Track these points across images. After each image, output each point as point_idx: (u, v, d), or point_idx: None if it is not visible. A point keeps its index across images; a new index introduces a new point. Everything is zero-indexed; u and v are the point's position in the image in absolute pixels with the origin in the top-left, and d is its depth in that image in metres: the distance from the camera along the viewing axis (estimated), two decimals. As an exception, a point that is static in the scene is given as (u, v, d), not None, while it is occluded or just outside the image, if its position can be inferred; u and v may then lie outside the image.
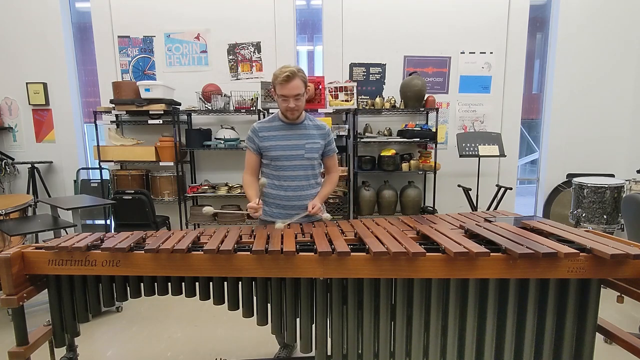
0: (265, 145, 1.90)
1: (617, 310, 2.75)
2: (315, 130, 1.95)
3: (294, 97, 1.79)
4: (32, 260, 1.38)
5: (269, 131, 1.91)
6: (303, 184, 1.92)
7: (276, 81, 1.77)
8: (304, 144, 1.90)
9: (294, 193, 1.92)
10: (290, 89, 1.76)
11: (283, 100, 1.81)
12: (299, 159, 1.91)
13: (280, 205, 1.94)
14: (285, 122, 1.92)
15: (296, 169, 1.91)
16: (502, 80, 3.94)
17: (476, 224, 1.63)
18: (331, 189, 2.03)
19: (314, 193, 1.96)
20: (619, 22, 3.89)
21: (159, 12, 3.83)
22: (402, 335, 1.41)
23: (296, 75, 1.75)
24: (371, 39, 3.87)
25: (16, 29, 3.91)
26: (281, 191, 1.93)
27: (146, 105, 3.51)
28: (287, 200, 1.93)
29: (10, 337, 2.46)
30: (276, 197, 1.94)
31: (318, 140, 1.94)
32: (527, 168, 5.57)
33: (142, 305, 2.92)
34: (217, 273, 1.38)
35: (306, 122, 1.95)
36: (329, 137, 1.99)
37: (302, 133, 1.91)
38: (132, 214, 3.41)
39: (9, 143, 4.13)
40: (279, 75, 1.74)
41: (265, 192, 1.96)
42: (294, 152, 1.90)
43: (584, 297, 1.36)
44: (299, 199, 1.93)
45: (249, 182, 1.96)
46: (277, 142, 1.90)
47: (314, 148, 1.92)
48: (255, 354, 2.26)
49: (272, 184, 1.94)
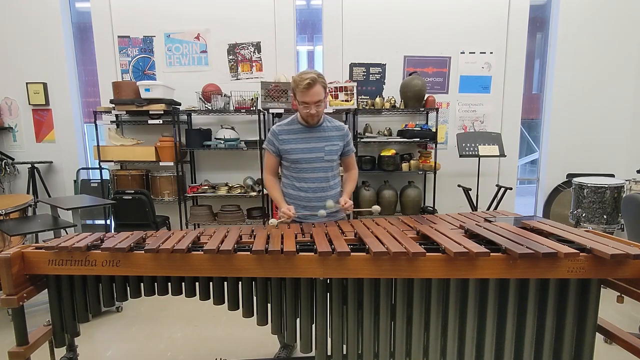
0: (286, 149, 1.93)
1: (617, 310, 2.75)
2: (334, 132, 1.98)
3: (315, 104, 1.81)
4: (32, 260, 1.38)
5: (289, 134, 1.94)
6: (323, 185, 1.96)
7: (297, 88, 1.79)
8: (324, 146, 1.94)
9: (314, 194, 1.96)
10: (312, 96, 1.78)
11: (304, 107, 1.83)
12: (319, 161, 1.94)
13: (300, 206, 1.97)
14: (304, 125, 1.94)
15: (316, 171, 1.94)
16: (502, 80, 3.94)
17: (476, 224, 1.63)
18: (354, 185, 2.08)
19: (333, 193, 2.00)
20: (619, 22, 3.89)
21: (159, 12, 3.83)
22: (402, 335, 1.41)
23: (317, 81, 1.77)
24: (371, 39, 3.87)
25: (16, 29, 3.91)
26: (301, 192, 1.96)
27: (146, 105, 3.51)
28: (307, 201, 1.96)
29: (10, 337, 2.46)
30: (296, 198, 1.98)
31: (337, 142, 1.97)
32: (527, 168, 5.57)
33: (142, 305, 2.92)
34: (217, 273, 1.38)
35: (325, 125, 1.97)
36: (348, 137, 2.02)
37: (321, 136, 1.94)
38: (132, 214, 3.41)
39: (9, 143, 4.13)
40: (300, 82, 1.76)
41: (286, 192, 2.01)
42: (313, 155, 1.93)
43: (584, 297, 1.36)
44: (319, 199, 1.96)
45: (271, 183, 2.00)
46: (297, 145, 1.93)
47: (333, 150, 1.96)
48: (255, 354, 2.26)
49: (293, 185, 1.99)
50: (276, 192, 1.98)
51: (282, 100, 3.55)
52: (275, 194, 1.97)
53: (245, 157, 4.02)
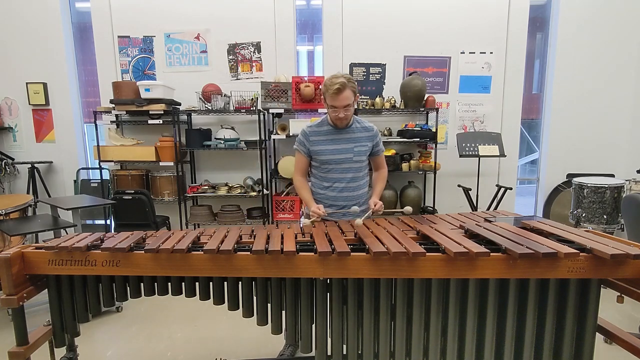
0: (315, 150, 1.95)
1: (617, 310, 2.75)
2: (363, 132, 1.99)
3: (344, 108, 1.82)
4: (32, 260, 1.38)
5: (319, 136, 1.96)
6: (351, 185, 1.98)
7: (327, 92, 1.80)
8: (353, 147, 1.95)
9: (341, 194, 1.98)
10: (341, 101, 1.80)
11: (333, 111, 1.85)
12: (348, 162, 1.95)
13: (327, 205, 1.99)
14: (333, 127, 1.96)
15: (345, 172, 1.96)
16: (502, 80, 3.94)
17: (476, 224, 1.63)
18: (384, 185, 2.11)
19: (361, 193, 2.02)
20: (619, 22, 3.89)
21: (159, 12, 3.83)
22: (402, 335, 1.41)
23: (347, 86, 1.78)
24: (371, 39, 3.87)
25: (16, 29, 3.91)
26: (329, 191, 1.98)
27: (146, 105, 3.51)
28: (335, 200, 1.98)
29: (10, 337, 2.46)
30: (324, 197, 2.00)
31: (366, 142, 1.98)
32: (527, 168, 5.56)
33: (142, 305, 2.92)
34: (217, 273, 1.38)
35: (354, 126, 1.98)
36: (377, 138, 2.03)
37: (350, 137, 1.96)
38: (132, 214, 3.41)
39: (9, 143, 4.13)
40: (330, 87, 1.77)
41: (314, 191, 2.04)
42: (342, 156, 1.94)
43: (584, 297, 1.36)
44: (347, 199, 1.98)
45: (301, 184, 2.02)
46: (326, 146, 1.94)
47: (362, 151, 1.97)
48: (255, 354, 2.26)
49: (321, 185, 2.01)
50: (306, 193, 2.00)
51: (282, 100, 3.55)
52: (305, 194, 1.99)
53: (245, 157, 4.02)
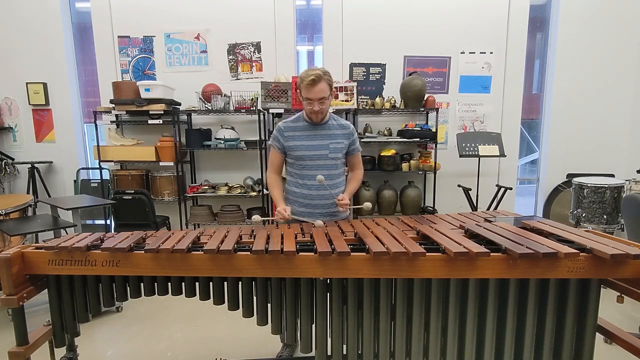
0: (290, 145, 1.93)
1: (617, 310, 2.75)
2: (340, 130, 1.97)
3: (319, 101, 1.80)
4: (32, 260, 1.38)
5: (294, 131, 1.93)
6: (327, 183, 1.95)
7: (302, 84, 1.78)
8: (328, 144, 1.93)
9: (317, 192, 1.94)
10: (316, 93, 1.78)
11: (308, 103, 1.83)
12: (323, 159, 1.93)
13: (303, 204, 1.97)
14: (309, 123, 1.94)
15: (320, 169, 1.93)
16: (502, 80, 3.94)
17: (476, 224, 1.63)
18: (357, 185, 2.06)
19: (337, 192, 1.99)
20: (619, 22, 3.89)
21: (159, 12, 3.83)
22: (402, 335, 1.41)
23: (322, 78, 1.76)
24: (371, 39, 3.87)
25: (16, 29, 3.91)
26: (304, 189, 1.95)
27: (146, 105, 3.51)
28: (311, 199, 1.95)
29: (10, 337, 2.46)
30: (299, 196, 1.97)
31: (342, 140, 1.96)
32: (527, 168, 5.56)
33: (142, 305, 2.92)
34: (217, 273, 1.38)
35: (330, 122, 1.96)
36: (353, 136, 2.01)
37: (326, 133, 1.94)
38: (132, 214, 3.41)
39: (9, 143, 4.13)
40: (305, 78, 1.75)
41: (289, 190, 2.00)
42: (317, 152, 1.92)
43: (584, 297, 1.36)
44: (322, 197, 1.95)
45: (273, 181, 1.98)
46: (302, 142, 1.92)
47: (338, 148, 1.95)
48: (255, 354, 2.26)
49: (296, 183, 1.97)
50: (276, 191, 1.96)
51: (282, 100, 3.55)
52: (275, 193, 1.96)
53: (245, 157, 4.02)
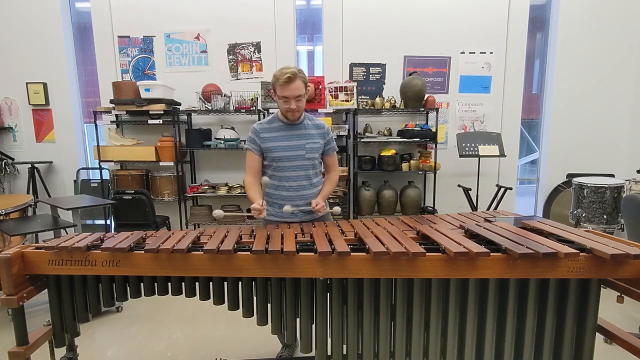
0: (267, 146, 1.91)
1: (617, 310, 2.75)
2: (315, 129, 1.96)
3: (295, 99, 1.80)
4: (32, 260, 1.38)
5: (270, 132, 1.92)
6: (304, 183, 1.94)
7: (277, 83, 1.77)
8: (305, 144, 1.91)
9: (295, 193, 1.93)
10: (292, 90, 1.77)
11: (284, 102, 1.81)
12: (300, 159, 1.92)
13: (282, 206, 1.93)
14: (285, 123, 1.93)
15: (297, 169, 1.92)
16: (502, 80, 3.94)
17: (476, 224, 1.63)
18: (332, 188, 2.03)
19: (315, 192, 1.97)
20: (619, 22, 3.89)
21: (159, 12, 3.83)
22: (402, 335, 1.41)
23: (297, 76, 1.76)
24: (371, 39, 3.87)
25: (16, 29, 3.91)
26: (283, 191, 1.94)
27: (146, 105, 3.51)
28: (289, 200, 1.93)
29: (10, 337, 2.46)
30: (278, 197, 1.95)
31: (318, 140, 1.95)
32: (527, 168, 5.56)
33: (142, 305, 2.92)
34: (217, 273, 1.38)
35: (306, 122, 1.96)
36: (329, 135, 2.00)
37: (302, 133, 1.92)
38: (132, 214, 3.41)
39: (9, 143, 4.13)
40: (280, 77, 1.75)
41: (268, 192, 1.96)
42: (294, 153, 1.91)
43: (584, 297, 1.36)
44: (301, 198, 1.94)
45: (250, 183, 1.94)
46: (278, 142, 1.90)
47: (314, 148, 1.94)
48: (255, 354, 2.26)
49: (274, 185, 1.95)
50: (253, 192, 1.89)
51: (282, 100, 3.55)
52: (252, 194, 1.89)
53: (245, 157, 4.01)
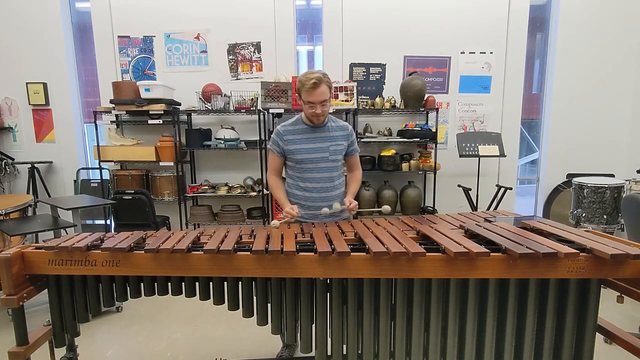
0: (290, 149, 1.93)
1: (617, 310, 2.75)
2: (339, 131, 1.98)
3: (321, 104, 1.81)
4: (32, 260, 1.38)
5: (293, 134, 1.94)
6: (327, 185, 1.96)
7: (302, 88, 1.79)
8: (328, 146, 1.94)
9: (318, 194, 1.96)
10: (318, 96, 1.79)
11: (310, 107, 1.83)
12: (324, 161, 1.94)
13: (305, 206, 1.97)
14: (308, 126, 1.95)
15: (320, 171, 1.94)
16: (502, 80, 3.94)
17: (476, 224, 1.63)
18: (358, 186, 2.07)
19: (337, 194, 2.00)
20: (619, 22, 3.89)
21: (159, 12, 3.83)
22: (402, 335, 1.41)
23: (322, 81, 1.77)
24: (371, 39, 3.87)
25: (16, 29, 3.91)
26: (306, 192, 1.97)
27: (146, 105, 3.51)
28: (312, 201, 1.96)
29: (10, 337, 2.46)
30: (301, 198, 1.98)
31: (341, 142, 1.97)
32: (527, 168, 5.56)
33: (142, 305, 2.92)
34: (217, 273, 1.38)
35: (329, 125, 1.97)
36: (352, 137, 2.03)
37: (325, 136, 1.94)
38: (132, 214, 3.41)
39: (9, 143, 4.13)
40: (306, 82, 1.76)
41: (290, 192, 2.01)
42: (318, 155, 1.93)
43: (584, 297, 1.36)
44: (323, 199, 1.96)
45: (275, 184, 2.00)
46: (302, 145, 1.93)
47: (338, 150, 1.96)
48: (255, 354, 2.26)
49: (297, 185, 1.99)
50: (279, 193, 1.98)
51: (282, 100, 3.55)
52: (279, 194, 1.97)
53: (245, 157, 4.02)
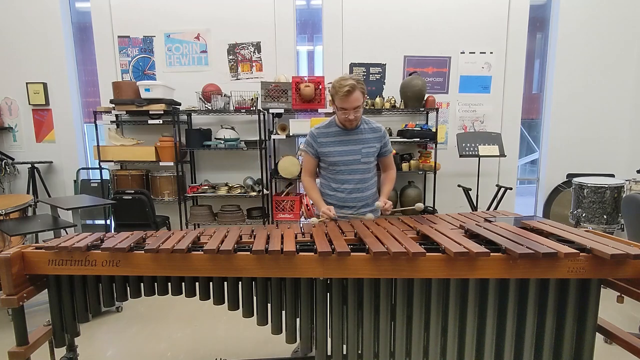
0: (323, 151, 1.96)
1: (617, 310, 2.75)
2: (371, 134, 1.99)
3: (354, 110, 1.83)
4: (32, 260, 1.38)
5: (327, 137, 1.97)
6: (359, 186, 1.99)
7: (336, 95, 1.80)
8: (361, 148, 1.96)
9: (350, 195, 1.99)
10: (351, 102, 1.80)
11: (343, 113, 1.85)
12: (356, 164, 1.96)
13: (337, 206, 2.00)
14: (341, 128, 1.97)
15: (353, 173, 1.97)
16: (502, 80, 3.94)
17: (476, 224, 1.63)
18: (392, 186, 2.10)
19: (369, 194, 2.02)
20: (619, 22, 3.89)
21: (159, 12, 3.83)
22: (402, 335, 1.41)
23: (356, 88, 1.78)
24: (371, 39, 3.87)
25: (16, 29, 3.91)
26: (338, 193, 2.00)
27: (146, 105, 3.51)
28: (344, 201, 1.99)
29: (10, 337, 2.46)
30: (333, 198, 2.01)
31: (374, 144, 1.99)
32: (527, 168, 5.56)
33: (142, 305, 2.92)
34: (217, 273, 1.38)
35: (362, 127, 1.99)
36: (385, 138, 2.04)
37: (358, 138, 1.96)
38: (132, 214, 3.41)
39: (9, 143, 4.13)
40: (339, 89, 1.77)
41: (323, 192, 2.05)
42: (350, 157, 1.95)
43: (584, 297, 1.36)
44: (355, 200, 1.99)
45: (310, 185, 2.04)
46: (335, 147, 1.95)
47: (370, 152, 1.98)
48: (255, 354, 2.26)
49: (329, 186, 2.02)
50: (315, 194, 2.01)
51: (282, 100, 3.55)
52: (314, 195, 2.01)
53: (245, 157, 4.02)
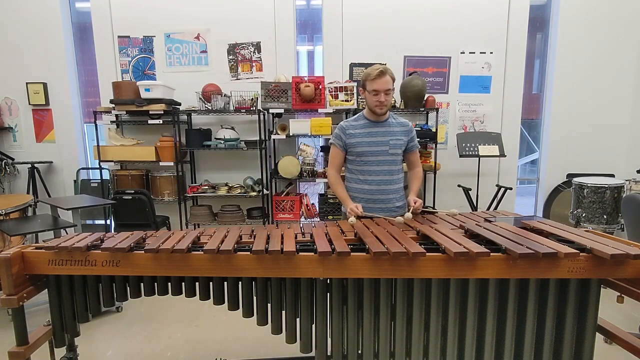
0: (352, 142, 2.01)
1: (617, 310, 2.75)
2: (399, 127, 2.05)
3: (385, 92, 1.90)
4: (32, 260, 1.38)
5: (355, 129, 2.03)
6: (387, 178, 2.02)
7: (368, 78, 1.90)
8: (388, 140, 2.01)
9: (377, 187, 2.02)
10: (382, 84, 1.89)
11: (374, 94, 1.92)
12: (384, 155, 2.01)
13: (364, 199, 2.02)
14: (370, 120, 2.03)
15: (380, 164, 2.01)
16: (502, 80, 3.94)
17: (476, 224, 1.63)
18: (420, 183, 2.13)
19: (396, 188, 2.06)
20: (619, 22, 3.89)
21: (159, 12, 3.83)
22: (402, 335, 1.41)
23: (387, 71, 1.90)
24: (371, 39, 3.87)
25: (16, 29, 3.91)
26: (365, 185, 2.03)
27: (146, 105, 3.51)
28: (371, 194, 2.02)
29: (10, 337, 2.46)
30: (360, 192, 2.04)
31: (401, 137, 2.04)
32: (527, 168, 5.56)
33: (142, 305, 2.92)
34: (217, 273, 1.38)
35: (390, 120, 2.06)
36: (412, 133, 2.09)
37: (386, 130, 2.02)
38: (132, 214, 3.41)
39: (9, 143, 4.13)
40: (371, 72, 1.89)
41: (349, 186, 2.07)
42: (378, 148, 2.00)
43: (584, 297, 1.36)
44: (382, 192, 2.02)
45: (335, 180, 2.07)
46: (363, 138, 2.01)
47: (398, 144, 2.02)
48: (255, 354, 2.26)
49: (357, 179, 2.05)
50: (341, 190, 2.04)
51: (282, 100, 3.55)
52: (340, 192, 2.04)
53: (245, 157, 4.02)
